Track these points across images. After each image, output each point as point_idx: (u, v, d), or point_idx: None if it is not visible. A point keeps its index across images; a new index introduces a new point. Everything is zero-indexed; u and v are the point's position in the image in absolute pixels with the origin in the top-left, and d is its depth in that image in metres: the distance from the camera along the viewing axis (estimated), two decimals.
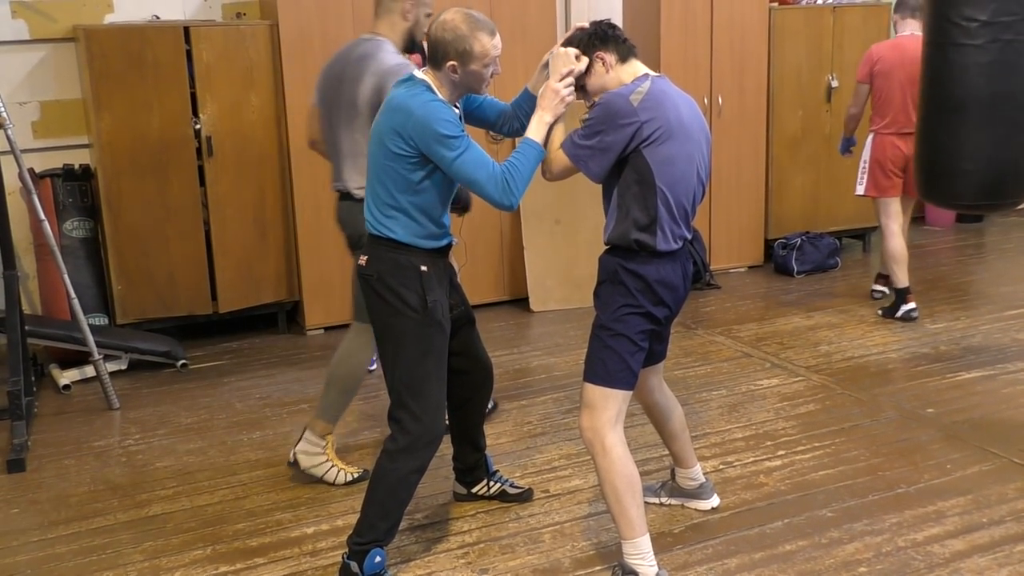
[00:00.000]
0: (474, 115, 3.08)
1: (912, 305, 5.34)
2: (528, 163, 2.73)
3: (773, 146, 6.49)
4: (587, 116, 2.75)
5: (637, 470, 2.76)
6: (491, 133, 3.23)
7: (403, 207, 2.78)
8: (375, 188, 2.81)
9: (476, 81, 2.79)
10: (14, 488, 3.69)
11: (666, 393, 3.22)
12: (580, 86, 2.81)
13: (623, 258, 2.73)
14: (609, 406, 2.74)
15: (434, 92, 2.74)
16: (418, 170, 2.73)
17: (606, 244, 2.80)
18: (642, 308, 2.73)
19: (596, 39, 2.77)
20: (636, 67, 2.80)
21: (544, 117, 2.76)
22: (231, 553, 3.16)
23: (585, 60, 2.77)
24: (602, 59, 2.76)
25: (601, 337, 2.77)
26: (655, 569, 2.76)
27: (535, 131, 2.76)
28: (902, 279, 5.33)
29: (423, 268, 2.80)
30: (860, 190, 5.42)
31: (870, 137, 5.34)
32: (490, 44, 2.74)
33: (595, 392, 2.76)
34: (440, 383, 2.86)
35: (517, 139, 2.87)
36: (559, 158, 2.77)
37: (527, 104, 2.96)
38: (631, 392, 2.80)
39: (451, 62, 2.73)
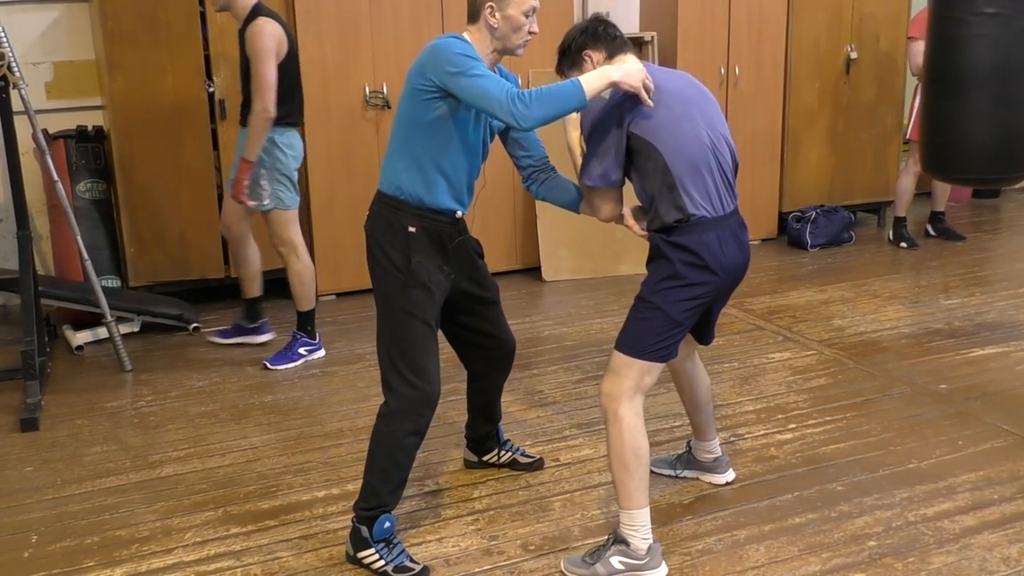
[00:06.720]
0: (513, 140, 3.05)
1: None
2: (557, 89, 2.57)
3: (789, 118, 6.43)
4: (583, 140, 2.82)
5: (647, 443, 2.75)
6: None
7: (417, 157, 2.75)
8: (396, 144, 2.79)
9: (514, 30, 2.74)
10: (28, 447, 3.71)
11: (697, 363, 3.22)
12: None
13: (666, 232, 2.72)
14: (632, 375, 2.73)
15: (469, 44, 2.72)
16: (435, 103, 2.68)
17: (651, 230, 2.80)
18: (684, 280, 2.70)
19: (586, 38, 2.83)
20: (623, 61, 2.78)
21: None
22: (242, 515, 3.18)
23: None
24: (589, 57, 2.82)
25: (638, 308, 2.76)
26: (648, 542, 2.74)
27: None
28: (900, 210, 6.39)
29: (411, 229, 2.78)
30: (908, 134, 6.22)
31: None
32: None
33: (621, 360, 2.75)
34: (428, 345, 2.80)
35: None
36: (591, 193, 2.84)
37: (559, 190, 3.05)
38: (660, 365, 2.79)
39: (489, 3, 2.71)
